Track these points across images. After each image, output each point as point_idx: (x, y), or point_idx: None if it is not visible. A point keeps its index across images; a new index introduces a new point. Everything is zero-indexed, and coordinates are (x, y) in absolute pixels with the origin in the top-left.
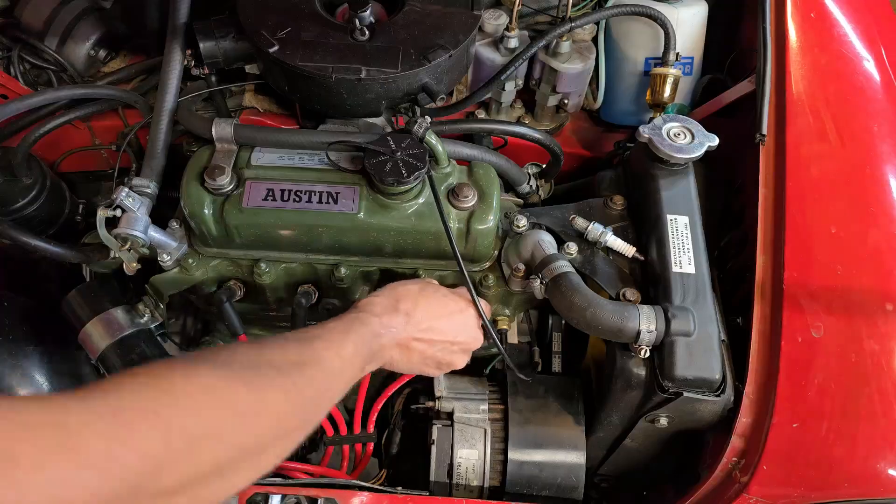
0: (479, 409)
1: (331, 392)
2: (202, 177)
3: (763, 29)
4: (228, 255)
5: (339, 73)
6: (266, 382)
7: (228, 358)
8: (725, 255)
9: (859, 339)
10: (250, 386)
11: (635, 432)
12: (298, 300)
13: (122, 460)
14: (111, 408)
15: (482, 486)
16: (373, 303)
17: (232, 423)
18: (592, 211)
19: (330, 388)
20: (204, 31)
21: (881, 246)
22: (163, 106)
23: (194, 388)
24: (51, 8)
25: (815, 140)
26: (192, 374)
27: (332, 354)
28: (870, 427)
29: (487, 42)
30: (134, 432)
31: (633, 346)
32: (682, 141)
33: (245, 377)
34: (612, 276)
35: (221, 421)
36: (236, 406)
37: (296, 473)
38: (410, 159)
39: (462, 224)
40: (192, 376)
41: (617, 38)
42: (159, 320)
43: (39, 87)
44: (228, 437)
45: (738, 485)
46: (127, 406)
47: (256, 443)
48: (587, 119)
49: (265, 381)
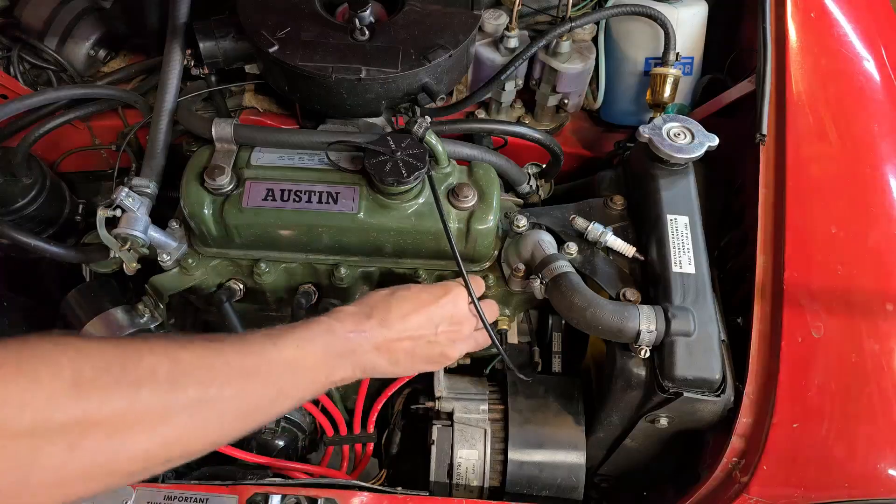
0: (479, 410)
1: (259, 376)
2: (202, 177)
3: (763, 29)
4: (228, 255)
5: (339, 73)
6: (152, 349)
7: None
8: (725, 255)
9: (859, 339)
10: (128, 350)
11: (635, 432)
12: (298, 300)
13: None
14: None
15: (482, 486)
16: (341, 310)
17: (97, 376)
18: (592, 211)
19: (258, 371)
20: (204, 31)
21: (881, 246)
22: (162, 106)
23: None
24: (51, 8)
25: (815, 140)
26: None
27: (261, 340)
28: (870, 427)
29: (487, 42)
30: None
31: (633, 346)
32: (682, 141)
33: (126, 344)
34: (612, 276)
35: (84, 374)
36: (105, 363)
37: (296, 473)
38: (410, 159)
39: (462, 224)
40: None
41: (617, 38)
42: (159, 320)
43: (39, 87)
44: (93, 388)
45: (738, 485)
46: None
47: (142, 404)
48: (587, 119)
49: (150, 348)
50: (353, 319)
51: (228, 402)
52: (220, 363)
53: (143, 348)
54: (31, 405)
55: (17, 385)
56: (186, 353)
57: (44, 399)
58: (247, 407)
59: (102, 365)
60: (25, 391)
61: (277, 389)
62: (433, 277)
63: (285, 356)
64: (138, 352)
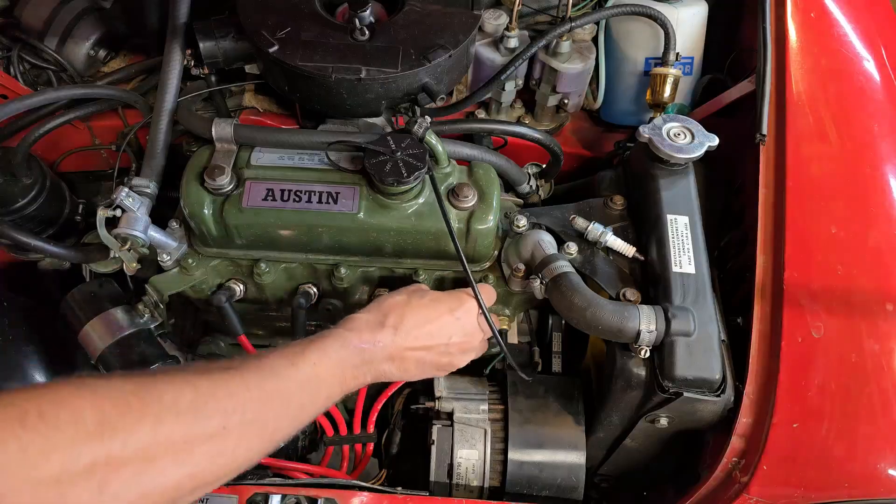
0: (479, 410)
1: (280, 397)
2: (202, 177)
3: (763, 29)
4: (228, 255)
5: (339, 73)
6: (171, 379)
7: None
8: (725, 255)
9: (859, 339)
10: (146, 382)
11: (635, 432)
12: (298, 300)
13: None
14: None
15: (482, 486)
16: (355, 318)
17: (118, 414)
18: (592, 211)
19: (278, 392)
20: (204, 31)
21: (881, 246)
22: (162, 106)
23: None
24: (51, 8)
25: (815, 140)
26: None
27: (279, 361)
28: (870, 427)
29: (487, 42)
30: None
31: (633, 346)
32: (682, 141)
33: (142, 378)
34: (612, 276)
35: (106, 413)
36: (125, 399)
37: (296, 473)
38: (410, 159)
39: (462, 224)
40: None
41: (617, 38)
42: (159, 320)
43: (39, 87)
44: (116, 428)
45: (738, 485)
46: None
47: (166, 437)
48: (587, 119)
49: (169, 379)
50: (368, 328)
51: (251, 426)
52: (241, 389)
53: (162, 380)
54: (56, 451)
55: (38, 433)
56: (205, 382)
57: (67, 444)
58: (269, 428)
59: (122, 402)
60: (48, 438)
61: (298, 407)
62: (433, 278)
63: (303, 375)
64: (157, 385)
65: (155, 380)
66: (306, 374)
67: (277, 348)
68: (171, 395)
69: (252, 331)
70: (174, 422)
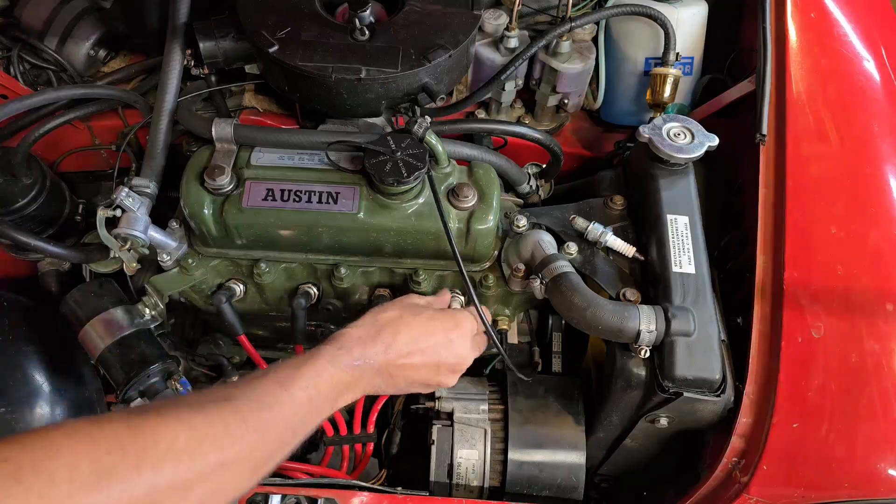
0: (479, 409)
1: (275, 424)
2: (202, 177)
3: (763, 29)
4: (228, 255)
5: (339, 73)
6: (164, 419)
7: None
8: (725, 255)
9: (859, 339)
10: (140, 425)
11: (635, 432)
12: (298, 300)
13: None
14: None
15: (482, 486)
16: (346, 335)
17: (115, 463)
18: (592, 211)
19: (273, 420)
20: (204, 31)
21: (881, 246)
22: (162, 106)
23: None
24: (51, 8)
25: (815, 140)
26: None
27: (272, 387)
28: (870, 427)
29: (487, 42)
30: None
31: (633, 346)
32: (682, 141)
33: (136, 420)
34: (612, 276)
35: (102, 463)
36: (120, 447)
37: (296, 473)
38: (410, 159)
39: (462, 224)
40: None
41: (617, 38)
42: (159, 320)
43: (39, 87)
44: (114, 478)
45: (738, 485)
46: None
47: (165, 482)
48: (587, 119)
49: (162, 419)
50: (360, 345)
51: (247, 458)
52: (237, 422)
53: (156, 421)
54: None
55: (34, 491)
56: (201, 419)
57: (64, 499)
58: (264, 457)
59: (118, 449)
60: (44, 496)
61: (291, 433)
62: (433, 278)
63: (296, 400)
64: (152, 426)
65: (149, 421)
66: (300, 400)
67: (271, 370)
68: (168, 438)
69: (252, 331)
70: (172, 466)
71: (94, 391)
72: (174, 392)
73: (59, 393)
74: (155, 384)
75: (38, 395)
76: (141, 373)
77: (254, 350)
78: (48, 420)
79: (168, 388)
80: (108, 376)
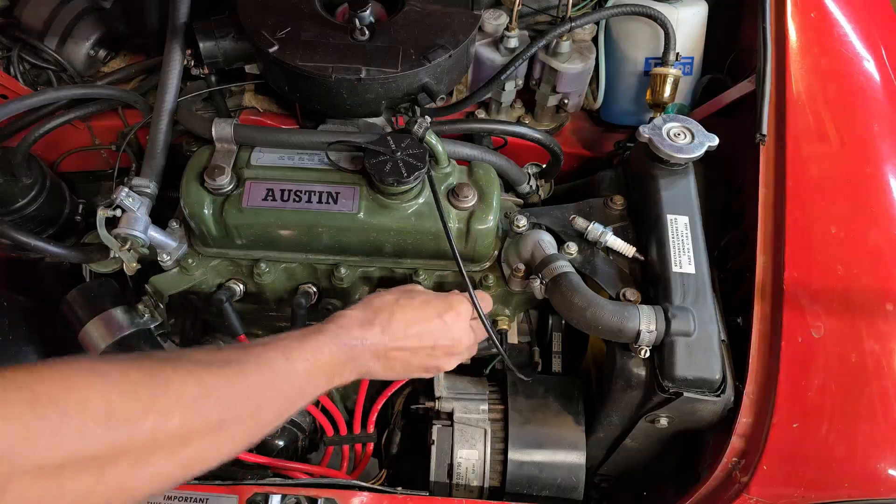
0: (479, 409)
1: (274, 391)
2: (202, 177)
3: (763, 29)
4: (228, 255)
5: (339, 73)
6: (176, 369)
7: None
8: (725, 255)
9: (859, 339)
10: (154, 372)
11: (635, 432)
12: (298, 300)
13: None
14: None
15: (482, 486)
16: (345, 315)
17: (125, 404)
18: (592, 211)
19: (273, 387)
20: (204, 31)
21: (881, 246)
22: (163, 106)
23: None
24: (51, 8)
25: (815, 140)
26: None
27: (276, 355)
28: (870, 427)
29: (487, 42)
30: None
31: (633, 346)
32: (682, 141)
33: (149, 365)
34: (612, 276)
35: (114, 403)
36: (133, 389)
37: (296, 473)
38: (410, 159)
39: (462, 224)
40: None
41: (617, 38)
42: (159, 320)
43: (39, 87)
44: (123, 418)
45: (738, 485)
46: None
47: (168, 429)
48: (587, 119)
49: (174, 368)
50: (358, 325)
51: (246, 419)
52: (241, 384)
53: (168, 369)
54: (62, 440)
55: (47, 419)
56: (210, 375)
57: (74, 433)
58: (261, 420)
59: (130, 391)
60: (56, 426)
61: (288, 402)
62: (433, 278)
63: (297, 369)
64: (165, 374)
65: (163, 368)
66: (299, 371)
67: (272, 340)
68: (177, 387)
69: (252, 331)
70: (178, 415)
71: None
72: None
73: None
74: None
75: None
76: None
77: None
78: None
79: None
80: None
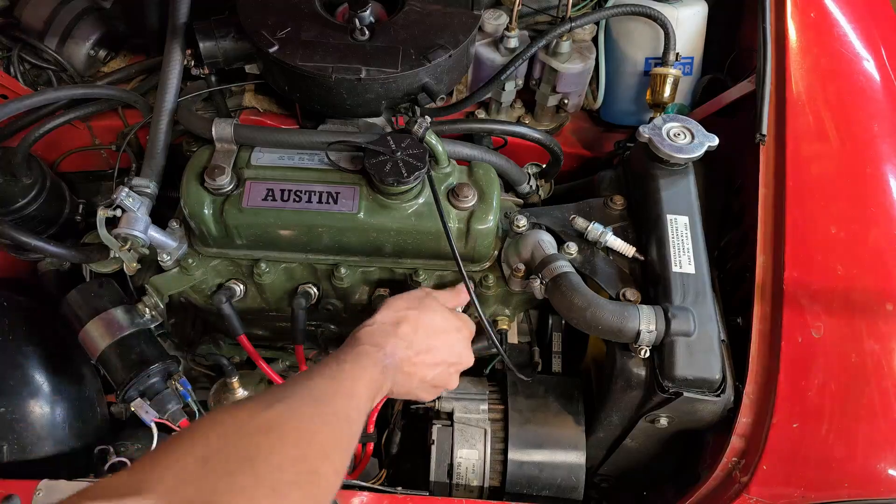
0: (479, 409)
1: (352, 439)
2: (202, 177)
3: (763, 29)
4: (228, 255)
5: (339, 73)
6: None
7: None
8: (725, 255)
9: (859, 339)
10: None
11: (635, 432)
12: (298, 300)
13: None
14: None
15: (482, 486)
16: (373, 333)
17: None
18: (592, 211)
19: (352, 434)
20: (204, 31)
21: (881, 246)
22: (163, 106)
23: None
24: (51, 8)
25: (815, 140)
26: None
27: (344, 403)
28: (870, 427)
29: (487, 42)
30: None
31: (633, 346)
32: (682, 141)
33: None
34: (612, 276)
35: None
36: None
37: None
38: (410, 159)
39: (462, 224)
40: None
41: (617, 38)
42: (159, 320)
43: (39, 87)
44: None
45: (738, 485)
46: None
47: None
48: (587, 119)
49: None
50: (385, 339)
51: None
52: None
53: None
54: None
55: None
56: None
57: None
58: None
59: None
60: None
61: (350, 435)
62: (433, 278)
63: (361, 409)
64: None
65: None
66: (362, 411)
67: (323, 369)
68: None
69: (252, 331)
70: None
71: (94, 391)
72: (174, 392)
73: (59, 392)
74: (155, 384)
75: (38, 394)
76: (141, 373)
77: (254, 350)
78: (48, 419)
79: (168, 388)
80: (108, 376)
